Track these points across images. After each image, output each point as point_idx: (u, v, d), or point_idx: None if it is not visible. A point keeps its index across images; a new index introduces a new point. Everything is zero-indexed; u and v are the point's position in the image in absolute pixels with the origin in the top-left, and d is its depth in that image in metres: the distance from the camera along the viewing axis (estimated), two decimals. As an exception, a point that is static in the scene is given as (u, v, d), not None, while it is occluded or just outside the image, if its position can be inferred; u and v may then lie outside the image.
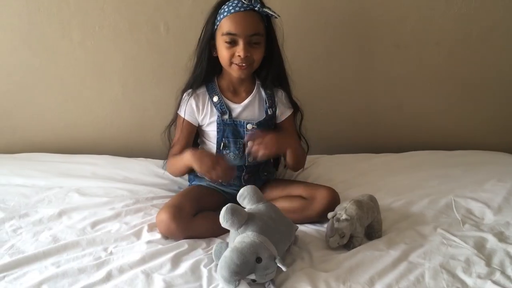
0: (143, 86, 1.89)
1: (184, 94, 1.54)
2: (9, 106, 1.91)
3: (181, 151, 1.51)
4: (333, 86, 1.96)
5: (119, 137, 1.97)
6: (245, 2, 1.37)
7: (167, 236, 1.36)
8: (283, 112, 1.59)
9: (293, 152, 1.49)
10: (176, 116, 1.58)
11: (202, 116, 1.54)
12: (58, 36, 1.79)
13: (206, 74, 1.50)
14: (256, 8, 1.38)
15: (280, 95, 1.58)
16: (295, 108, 1.61)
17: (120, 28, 1.79)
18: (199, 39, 1.48)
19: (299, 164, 1.58)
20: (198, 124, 1.56)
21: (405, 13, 1.84)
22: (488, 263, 1.19)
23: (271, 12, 1.40)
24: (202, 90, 1.54)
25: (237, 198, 1.28)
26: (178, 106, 1.56)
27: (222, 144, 1.53)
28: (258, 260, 1.09)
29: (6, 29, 1.78)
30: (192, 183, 1.65)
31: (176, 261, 1.21)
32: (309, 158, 1.86)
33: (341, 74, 1.94)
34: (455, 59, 1.92)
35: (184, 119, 1.54)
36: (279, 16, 1.42)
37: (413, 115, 2.02)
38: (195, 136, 1.60)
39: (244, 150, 1.53)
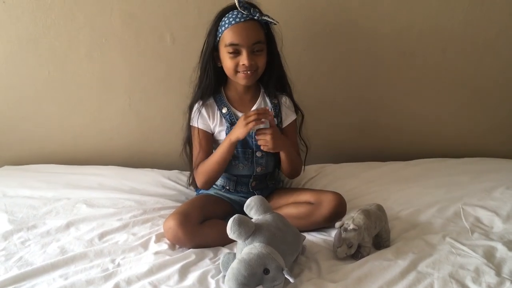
0: (149, 97, 1.90)
1: (195, 106, 1.54)
2: (17, 118, 1.93)
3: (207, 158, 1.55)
4: (339, 94, 1.96)
5: (126, 148, 1.98)
6: (244, 12, 1.39)
7: (174, 243, 1.36)
8: (287, 117, 1.60)
9: (286, 155, 1.51)
10: (189, 131, 1.59)
11: (213, 125, 1.55)
12: (65, 48, 1.81)
13: (213, 86, 1.52)
14: (255, 17, 1.40)
15: (284, 101, 1.59)
16: (297, 111, 1.62)
17: (127, 39, 1.80)
18: (202, 51, 1.50)
19: (293, 170, 1.58)
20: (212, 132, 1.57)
21: (411, 20, 1.84)
22: (498, 273, 1.18)
23: (270, 20, 1.42)
24: (211, 101, 1.55)
25: (244, 209, 1.28)
26: (188, 120, 1.58)
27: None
28: (266, 271, 1.09)
29: (14, 41, 1.79)
30: (199, 192, 1.65)
31: (183, 272, 1.21)
32: (315, 167, 1.87)
33: (347, 81, 1.94)
34: (461, 66, 1.92)
35: (199, 129, 1.55)
36: (278, 22, 1.43)
37: (419, 122, 2.02)
38: None
39: (252, 161, 1.54)
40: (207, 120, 1.55)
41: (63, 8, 1.75)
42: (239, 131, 1.41)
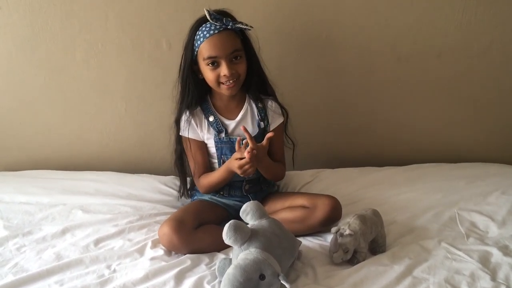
0: (146, 102, 1.90)
1: (183, 117, 1.55)
2: (14, 123, 1.92)
3: (205, 170, 1.57)
4: (335, 99, 1.96)
5: (123, 154, 1.98)
6: (217, 24, 1.39)
7: (170, 249, 1.36)
8: (274, 121, 1.59)
9: (262, 169, 1.52)
10: (179, 145, 1.60)
11: (202, 134, 1.56)
12: (61, 53, 1.81)
13: (197, 98, 1.52)
14: (229, 27, 1.40)
15: (270, 104, 1.59)
16: (282, 112, 1.61)
17: (123, 45, 1.80)
18: (180, 66, 1.50)
19: (273, 176, 1.61)
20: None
21: (406, 25, 1.84)
22: (493, 278, 1.18)
23: (243, 26, 1.41)
24: (198, 110, 1.56)
25: (240, 214, 1.28)
26: (177, 134, 1.59)
27: (221, 160, 1.55)
28: (262, 277, 1.09)
29: (11, 47, 1.79)
30: (194, 198, 1.66)
31: (179, 278, 1.21)
32: (311, 172, 1.88)
33: (343, 87, 1.94)
34: (456, 72, 1.92)
35: (189, 139, 1.56)
36: (252, 27, 1.43)
37: (415, 127, 2.02)
38: None
39: None
40: (196, 129, 1.55)
41: (59, 14, 1.75)
42: (236, 171, 1.41)
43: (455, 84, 1.95)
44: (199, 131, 1.55)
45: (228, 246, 1.33)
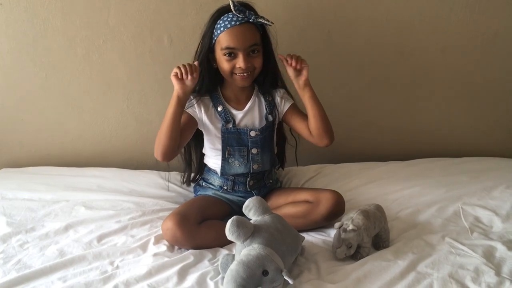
0: (147, 98, 1.89)
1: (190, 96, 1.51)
2: (16, 120, 1.92)
3: None
4: (337, 94, 1.95)
5: (125, 150, 1.98)
6: (240, 15, 1.39)
7: (173, 244, 1.36)
8: (285, 105, 1.59)
9: (314, 98, 1.50)
10: None
11: (205, 118, 1.53)
12: (63, 50, 1.80)
13: (207, 86, 1.51)
14: (251, 20, 1.39)
15: (279, 93, 1.59)
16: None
17: (124, 41, 1.80)
18: (196, 53, 1.50)
19: (325, 122, 1.53)
20: (198, 122, 1.53)
21: (410, 20, 1.83)
22: (498, 273, 1.18)
23: (265, 21, 1.41)
24: (206, 97, 1.55)
25: (243, 210, 1.28)
26: None
27: (227, 151, 1.54)
28: (265, 273, 1.08)
29: (12, 44, 1.79)
30: (198, 193, 1.65)
31: (182, 274, 1.21)
32: (314, 167, 1.88)
33: (346, 82, 1.93)
34: (460, 66, 1.92)
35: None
36: (273, 23, 1.43)
37: (418, 122, 2.02)
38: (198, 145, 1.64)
39: (248, 158, 1.54)
40: (195, 109, 1.52)
41: (60, 10, 1.75)
42: (175, 89, 1.39)
43: (459, 78, 1.94)
44: (199, 113, 1.52)
45: (231, 242, 1.33)
